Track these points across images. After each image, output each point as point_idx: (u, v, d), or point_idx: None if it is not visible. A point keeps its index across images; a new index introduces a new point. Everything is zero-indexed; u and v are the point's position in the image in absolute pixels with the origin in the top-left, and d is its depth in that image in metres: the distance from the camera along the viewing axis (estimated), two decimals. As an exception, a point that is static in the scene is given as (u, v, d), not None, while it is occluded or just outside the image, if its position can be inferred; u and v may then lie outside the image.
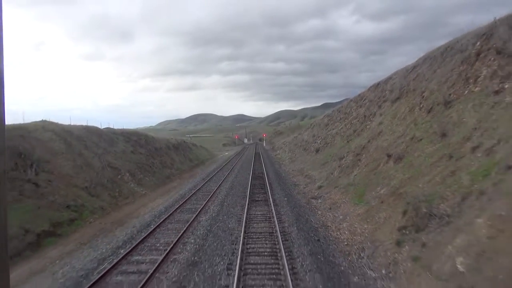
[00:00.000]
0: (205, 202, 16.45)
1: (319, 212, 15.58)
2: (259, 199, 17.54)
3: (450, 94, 16.25)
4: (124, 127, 31.46)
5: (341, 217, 14.23)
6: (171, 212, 14.47)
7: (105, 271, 8.30)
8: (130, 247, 10.07)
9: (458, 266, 7.32)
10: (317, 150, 33.37)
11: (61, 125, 19.92)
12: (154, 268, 8.39)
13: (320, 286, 7.40)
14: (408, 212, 10.51)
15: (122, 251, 9.84)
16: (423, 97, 18.95)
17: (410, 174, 13.37)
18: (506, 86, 12.93)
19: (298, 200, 18.05)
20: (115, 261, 8.94)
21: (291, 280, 7.41)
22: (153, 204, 17.29)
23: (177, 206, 15.68)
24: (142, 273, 8.24)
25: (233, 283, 7.38)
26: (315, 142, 37.72)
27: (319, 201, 17.95)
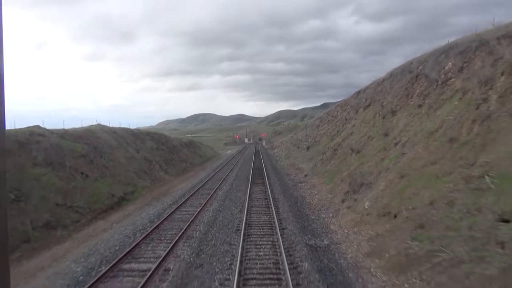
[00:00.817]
0: (218, 184, 22.54)
1: (301, 190, 21.71)
2: (258, 183, 23.61)
3: (396, 105, 22.40)
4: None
5: (315, 192, 20.37)
6: (196, 189, 20.54)
7: (164, 217, 14.26)
8: (176, 206, 16.13)
9: (365, 206, 13.45)
10: (308, 148, 39.52)
11: (109, 127, 26.11)
12: (195, 214, 14.40)
13: (290, 216, 13.53)
14: (351, 183, 16.64)
15: (174, 206, 15.93)
16: (382, 106, 25.08)
17: (361, 162, 19.50)
18: (426, 102, 19.07)
19: (287, 184, 24.16)
20: (171, 211, 14.98)
21: (276, 215, 13.50)
22: (180, 185, 23.39)
23: (199, 187, 21.75)
24: (190, 216, 14.24)
25: (241, 225, 13.29)
26: (307, 141, 43.87)
27: (303, 184, 24.07)
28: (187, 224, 12.44)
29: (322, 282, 7.62)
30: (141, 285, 7.42)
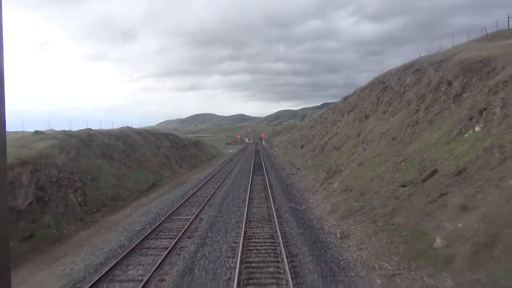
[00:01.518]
0: (225, 175, 27.78)
1: (292, 180, 26.96)
2: (258, 174, 28.85)
3: (369, 111, 27.68)
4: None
5: (303, 180, 25.63)
6: (209, 179, 25.78)
7: (190, 195, 19.46)
8: (196, 188, 21.37)
9: (335, 186, 18.72)
10: (302, 146, 44.78)
11: (135, 128, 31.50)
12: (212, 193, 19.60)
13: (281, 194, 18.80)
14: (328, 172, 21.90)
15: (194, 189, 21.19)
16: (360, 111, 30.35)
17: (339, 156, 24.77)
18: (389, 109, 24.32)
19: (282, 175, 29.42)
20: (193, 192, 20.21)
21: (270, 193, 18.76)
22: (194, 176, 28.67)
23: (210, 177, 26.98)
24: (208, 194, 19.44)
25: (245, 199, 18.57)
26: (302, 140, 49.15)
27: (295, 175, 29.32)
28: (207, 198, 17.71)
29: (296, 224, 12.89)
30: (188, 224, 12.69)
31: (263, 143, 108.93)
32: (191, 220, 13.17)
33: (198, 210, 14.95)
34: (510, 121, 10.75)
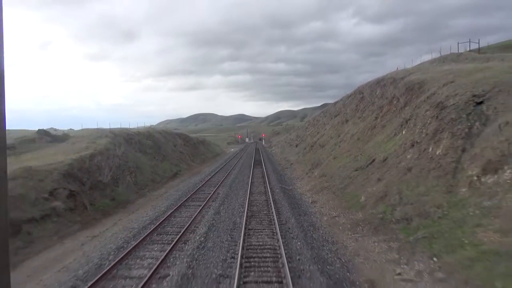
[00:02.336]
0: (231, 168, 34.00)
1: (286, 171, 33.19)
2: (258, 167, 35.05)
3: (349, 116, 33.92)
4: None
5: (294, 172, 31.87)
6: (218, 171, 31.99)
7: (206, 180, 25.63)
8: (209, 177, 27.56)
9: (315, 174, 24.94)
10: (297, 145, 51.04)
11: (158, 129, 37.78)
12: (222, 179, 25.78)
13: (275, 180, 25.04)
14: (313, 165, 28.12)
15: (209, 176, 27.39)
16: (343, 116, 36.60)
17: (322, 152, 31.00)
18: (362, 115, 30.54)
19: (278, 168, 35.67)
20: (208, 178, 26.41)
21: (267, 179, 24.99)
22: (205, 169, 34.92)
23: (219, 170, 33.18)
24: (219, 180, 25.57)
25: (248, 182, 24.76)
26: (297, 140, 55.41)
27: (288, 169, 35.56)
28: (220, 182, 23.93)
29: (283, 195, 19.12)
30: (210, 195, 18.92)
31: (263, 143, 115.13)
32: (211, 193, 19.40)
33: (215, 189, 21.19)
34: (418, 127, 17.00)
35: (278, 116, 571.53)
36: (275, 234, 11.71)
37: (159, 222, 13.40)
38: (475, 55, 29.24)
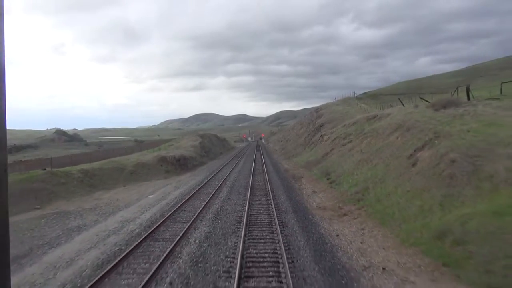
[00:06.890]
0: (246, 150, 63.81)
1: (274, 155, 62.97)
2: (259, 151, 64.76)
3: (306, 126, 63.61)
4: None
5: (278, 155, 61.60)
6: (240, 151, 61.81)
7: (237, 153, 54.77)
8: (238, 152, 57.15)
9: (281, 149, 54.55)
10: (281, 141, 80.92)
11: (206, 131, 67.52)
12: (242, 155, 55.06)
13: (267, 157, 54.72)
14: (282, 148, 57.63)
15: (237, 152, 57.00)
16: (305, 124, 66.21)
17: (286, 143, 60.61)
18: (309, 128, 60.17)
19: (270, 152, 65.50)
20: (237, 153, 55.83)
21: (263, 156, 54.56)
22: (231, 153, 64.32)
23: (238, 153, 62.77)
24: (241, 155, 54.78)
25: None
26: (284, 138, 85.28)
27: (274, 152, 65.29)
28: (244, 153, 53.70)
29: (267, 157, 48.79)
30: (240, 159, 48.63)
31: (262, 141, 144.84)
32: (241, 157, 49.17)
33: (242, 155, 50.92)
34: (324, 143, 46.62)
35: (279, 116, 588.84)
36: (264, 167, 41.27)
37: (226, 163, 42.84)
38: (350, 101, 59.43)
